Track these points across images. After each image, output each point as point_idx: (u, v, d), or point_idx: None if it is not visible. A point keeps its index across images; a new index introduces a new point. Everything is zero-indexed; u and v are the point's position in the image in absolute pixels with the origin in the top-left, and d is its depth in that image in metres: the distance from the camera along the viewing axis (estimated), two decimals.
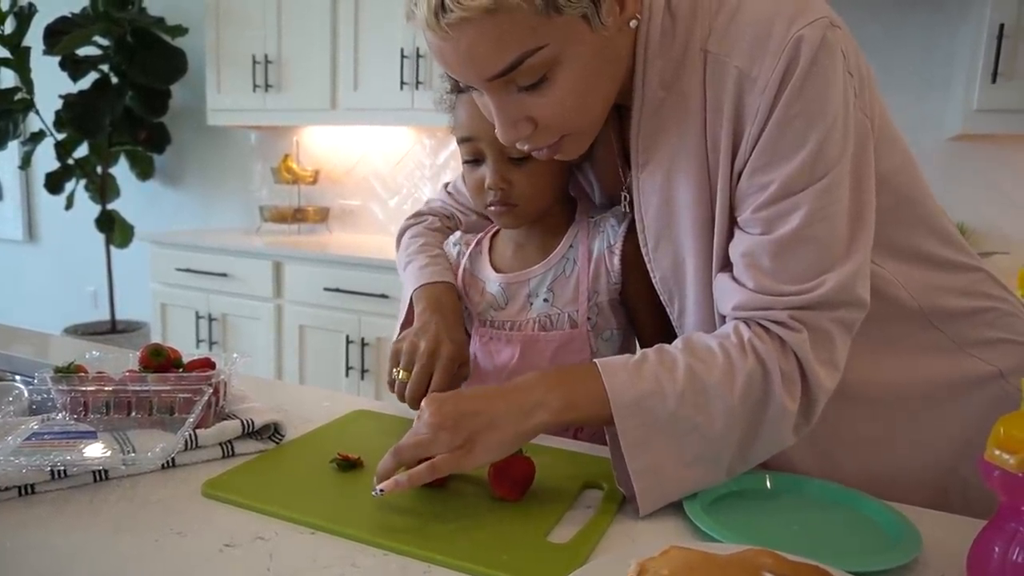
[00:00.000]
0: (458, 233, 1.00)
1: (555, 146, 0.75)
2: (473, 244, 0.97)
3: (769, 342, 0.69)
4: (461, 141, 0.85)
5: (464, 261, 0.96)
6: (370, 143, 3.34)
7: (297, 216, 3.27)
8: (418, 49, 2.75)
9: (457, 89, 0.85)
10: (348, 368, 2.76)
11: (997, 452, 0.51)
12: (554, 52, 0.65)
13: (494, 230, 0.98)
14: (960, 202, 2.36)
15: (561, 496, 0.72)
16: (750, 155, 0.70)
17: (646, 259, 0.80)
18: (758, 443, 0.70)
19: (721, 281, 0.74)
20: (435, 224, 1.05)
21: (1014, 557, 0.51)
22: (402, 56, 2.78)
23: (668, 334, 0.86)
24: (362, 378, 2.74)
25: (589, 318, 0.88)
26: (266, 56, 3.09)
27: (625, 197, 0.87)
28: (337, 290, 2.75)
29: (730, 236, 0.74)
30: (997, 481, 0.51)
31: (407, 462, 0.67)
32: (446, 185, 1.10)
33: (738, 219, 0.73)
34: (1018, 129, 2.12)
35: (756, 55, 0.68)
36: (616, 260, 0.86)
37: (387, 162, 3.32)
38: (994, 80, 2.07)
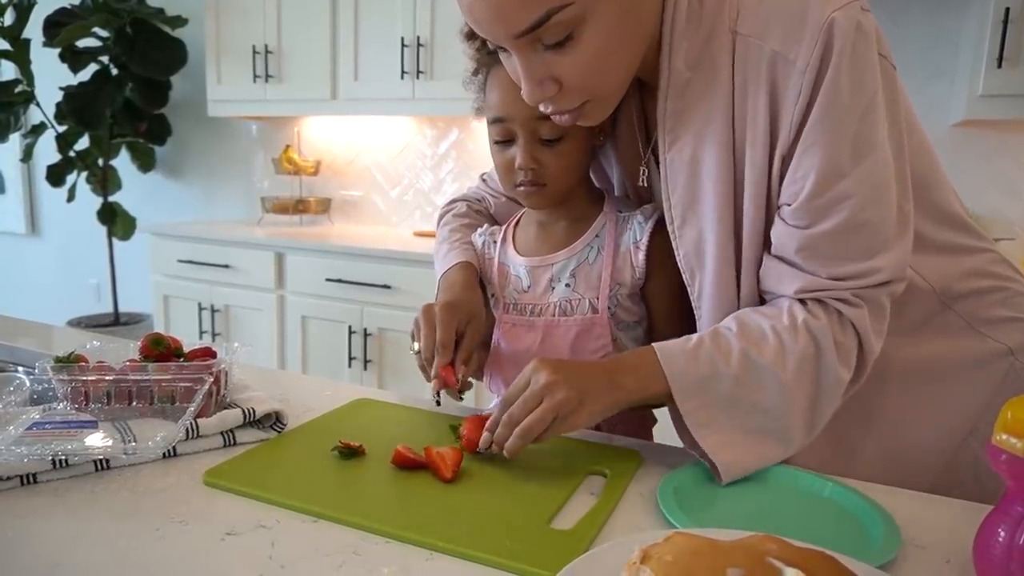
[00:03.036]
0: (485, 225, 1.02)
1: (578, 111, 0.76)
2: (499, 232, 0.99)
3: (825, 317, 0.72)
4: (492, 122, 0.86)
5: (490, 250, 0.98)
6: (371, 133, 3.33)
7: (299, 207, 3.26)
8: (418, 38, 2.73)
9: (485, 60, 0.85)
10: (351, 358, 2.77)
11: (1004, 436, 0.51)
12: (580, 10, 0.67)
13: (516, 219, 0.99)
14: (965, 189, 2.34)
15: (564, 483, 0.72)
16: (794, 138, 0.71)
17: (672, 236, 0.81)
18: (818, 412, 0.74)
19: (773, 264, 0.75)
20: (462, 209, 1.08)
21: (1021, 541, 0.51)
22: (402, 45, 2.76)
23: (681, 332, 0.87)
24: (365, 368, 2.75)
25: (609, 307, 0.89)
26: (266, 46, 3.08)
27: (643, 172, 0.88)
28: (339, 281, 2.75)
29: (765, 217, 0.75)
30: (1004, 465, 0.51)
31: (535, 437, 0.71)
32: (483, 174, 1.14)
33: (785, 206, 0.73)
34: (1023, 114, 2.10)
35: (792, 38, 0.69)
36: (641, 256, 0.87)
37: (388, 152, 3.31)
38: (999, 65, 2.05)
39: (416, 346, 0.87)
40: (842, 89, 0.68)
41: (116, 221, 3.62)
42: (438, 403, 0.87)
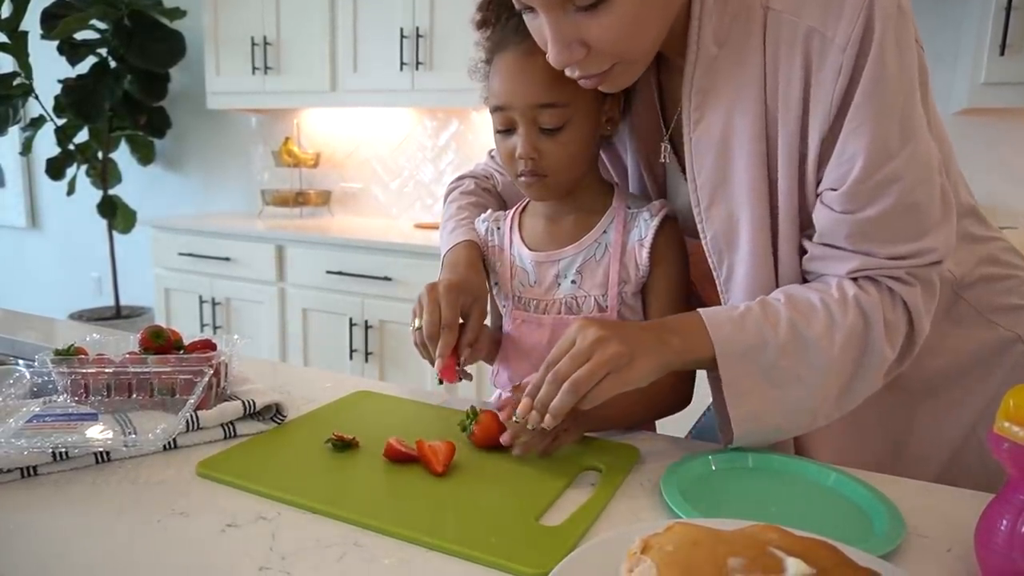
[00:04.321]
0: (488, 211, 1.01)
1: (604, 75, 0.74)
2: (504, 220, 0.98)
3: (876, 294, 0.72)
4: (494, 110, 0.84)
5: (494, 238, 0.97)
6: (371, 125, 3.32)
7: (299, 199, 3.26)
8: (418, 29, 2.72)
9: (493, 49, 0.84)
10: (352, 351, 2.77)
11: (1006, 424, 0.51)
12: None
13: (523, 205, 0.98)
14: (967, 177, 2.33)
15: (557, 478, 0.71)
16: (835, 118, 0.70)
17: (697, 218, 0.80)
18: (853, 392, 0.73)
19: (820, 250, 0.74)
20: (469, 187, 1.06)
21: (1022, 529, 0.51)
22: (402, 36, 2.75)
23: None
24: (366, 360, 2.75)
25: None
26: (264, 38, 3.06)
27: (665, 148, 0.87)
28: (340, 273, 2.74)
29: (799, 197, 0.74)
30: (1006, 453, 0.51)
31: (585, 391, 0.67)
32: (491, 151, 1.12)
33: (829, 192, 0.72)
34: None
35: (831, 14, 0.68)
36: (645, 253, 0.86)
37: (388, 144, 3.30)
38: (1002, 52, 2.03)
39: (417, 323, 0.85)
40: (888, 68, 0.67)
41: (116, 214, 3.61)
42: (441, 382, 0.85)
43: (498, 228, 0.97)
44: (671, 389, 0.87)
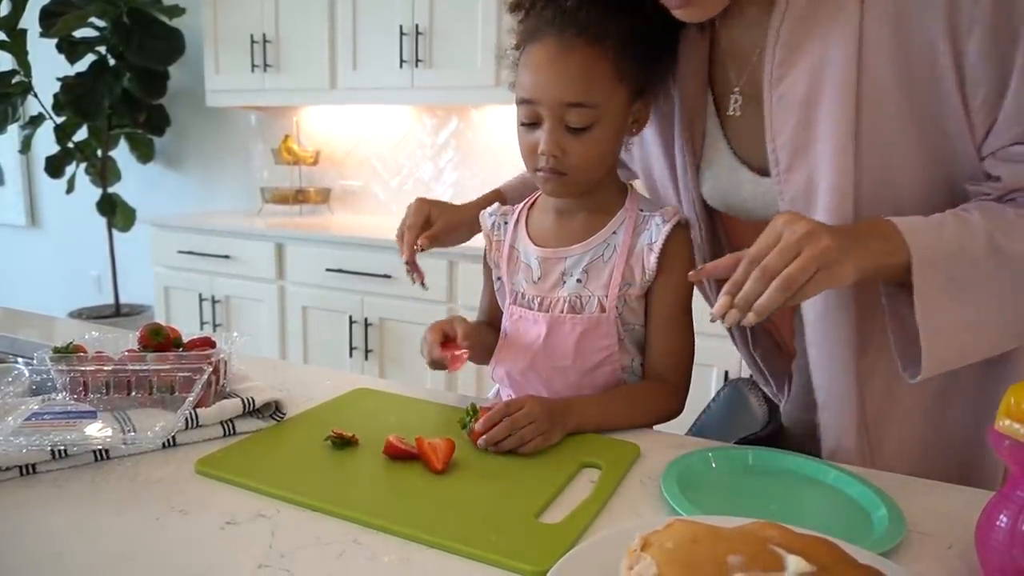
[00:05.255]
0: (496, 204, 1.01)
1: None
2: (511, 215, 0.97)
3: None
4: (520, 103, 0.84)
5: (499, 233, 0.96)
6: (370, 123, 3.31)
7: (298, 197, 3.25)
8: (417, 26, 2.72)
9: (525, 36, 0.83)
10: (352, 348, 2.77)
11: (1007, 422, 0.51)
12: None
13: (532, 200, 0.98)
14: None
15: (556, 476, 0.71)
16: (990, 69, 0.67)
17: (775, 180, 0.77)
18: None
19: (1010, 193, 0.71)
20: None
21: (1022, 527, 0.51)
22: (401, 33, 2.74)
23: (675, 343, 0.89)
24: (366, 358, 2.74)
25: (616, 307, 0.87)
26: (264, 35, 3.06)
27: (736, 100, 0.84)
28: (339, 271, 2.74)
29: (917, 152, 0.72)
30: (1007, 451, 0.51)
31: (797, 288, 0.63)
32: None
33: (1019, 144, 0.69)
34: None
35: None
36: (653, 258, 0.86)
37: (388, 142, 3.30)
38: None
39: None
40: None
41: (116, 212, 3.61)
42: (412, 278, 1.03)
43: (505, 223, 0.97)
44: (665, 397, 0.88)
